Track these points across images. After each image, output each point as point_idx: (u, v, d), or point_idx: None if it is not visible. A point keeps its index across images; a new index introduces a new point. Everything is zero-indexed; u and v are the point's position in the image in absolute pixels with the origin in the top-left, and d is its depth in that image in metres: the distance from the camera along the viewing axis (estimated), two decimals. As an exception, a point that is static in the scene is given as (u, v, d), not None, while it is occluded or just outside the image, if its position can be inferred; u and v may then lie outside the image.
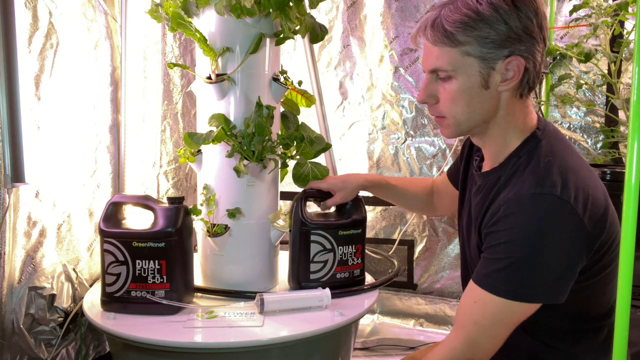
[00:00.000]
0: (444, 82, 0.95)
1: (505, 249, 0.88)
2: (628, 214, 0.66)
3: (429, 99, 0.99)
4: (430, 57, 0.96)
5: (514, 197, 0.89)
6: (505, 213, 0.89)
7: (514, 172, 0.94)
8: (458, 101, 0.95)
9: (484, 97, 0.94)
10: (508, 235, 0.87)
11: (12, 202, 1.22)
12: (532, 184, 0.88)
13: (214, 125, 1.24)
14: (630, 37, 1.62)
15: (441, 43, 0.93)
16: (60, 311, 1.35)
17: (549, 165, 0.91)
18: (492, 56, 0.91)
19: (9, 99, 1.17)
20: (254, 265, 1.32)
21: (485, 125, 0.98)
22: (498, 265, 0.88)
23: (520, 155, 0.96)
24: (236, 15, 1.16)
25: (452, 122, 0.98)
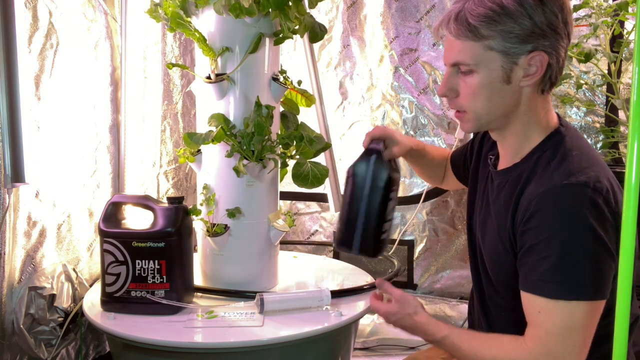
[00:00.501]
0: (465, 76, 0.94)
1: (548, 246, 0.84)
2: (628, 214, 0.65)
3: (450, 92, 0.97)
4: (452, 51, 0.95)
5: (546, 189, 0.86)
6: (538, 207, 0.86)
7: (539, 167, 0.92)
8: (479, 95, 0.94)
9: (505, 92, 0.93)
10: (547, 230, 0.85)
11: (12, 202, 1.22)
12: (562, 175, 0.86)
13: (214, 125, 1.24)
14: (630, 37, 1.62)
15: (464, 37, 0.91)
16: (60, 311, 1.35)
17: (578, 158, 0.89)
18: (515, 51, 0.90)
19: (9, 99, 1.17)
20: (254, 265, 1.32)
21: (505, 120, 0.96)
22: (546, 265, 0.84)
23: (544, 150, 0.94)
24: (235, 14, 1.17)
25: (472, 116, 0.97)
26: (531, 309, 0.88)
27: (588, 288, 0.83)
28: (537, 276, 0.86)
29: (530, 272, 0.88)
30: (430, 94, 2.09)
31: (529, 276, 0.88)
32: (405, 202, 2.13)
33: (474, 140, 1.23)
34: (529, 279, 0.88)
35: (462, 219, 2.10)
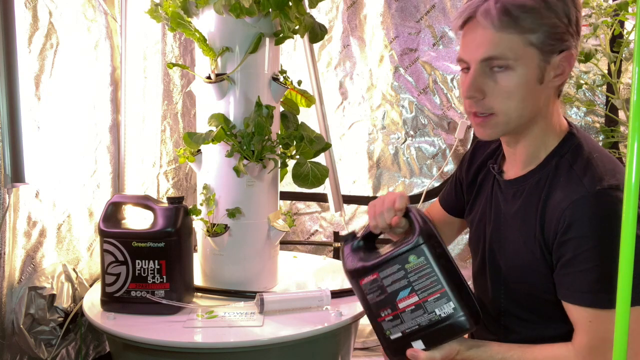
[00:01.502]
0: (499, 73, 0.86)
1: (593, 255, 0.81)
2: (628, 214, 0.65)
3: (478, 93, 0.88)
4: (485, 44, 0.85)
5: (579, 197, 0.83)
6: (575, 217, 0.82)
7: (561, 172, 0.89)
8: (513, 96, 0.86)
9: (537, 93, 0.88)
10: (589, 240, 0.81)
11: (12, 202, 1.22)
12: (592, 180, 0.83)
13: (214, 125, 1.24)
14: (630, 37, 1.62)
15: (505, 28, 0.83)
16: (60, 311, 1.35)
17: (599, 161, 0.87)
18: (551, 49, 0.85)
19: (9, 99, 1.17)
20: (254, 265, 1.32)
21: (528, 124, 0.90)
22: (594, 276, 0.81)
23: (562, 154, 0.90)
24: (235, 14, 1.17)
25: (502, 119, 0.88)
26: (581, 319, 0.85)
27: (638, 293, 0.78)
28: (584, 287, 0.83)
29: (575, 284, 0.84)
30: (430, 94, 2.09)
31: (573, 287, 0.85)
32: (405, 202, 2.12)
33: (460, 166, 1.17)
34: (574, 290, 0.85)
35: (462, 219, 2.10)
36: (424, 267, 0.90)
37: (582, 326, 0.85)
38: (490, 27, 0.84)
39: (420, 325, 0.90)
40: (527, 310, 0.97)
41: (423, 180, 2.13)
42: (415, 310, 0.90)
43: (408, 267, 0.91)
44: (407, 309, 0.91)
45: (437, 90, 2.09)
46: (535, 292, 0.93)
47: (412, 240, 0.91)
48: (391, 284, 0.92)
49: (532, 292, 0.94)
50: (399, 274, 0.91)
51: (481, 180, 1.09)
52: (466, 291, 0.90)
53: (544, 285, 0.91)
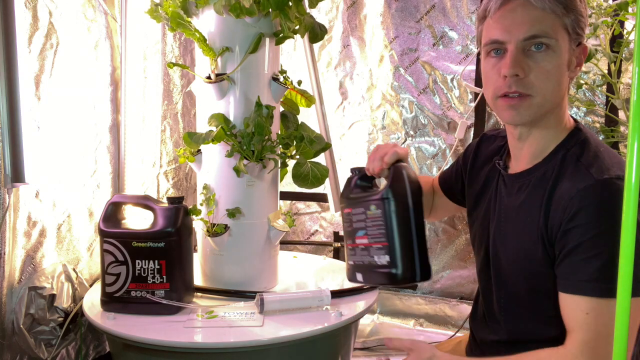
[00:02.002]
0: (538, 53, 0.86)
1: (596, 243, 0.81)
2: (628, 214, 0.65)
3: (520, 71, 0.86)
4: (529, 21, 0.86)
5: (587, 185, 0.82)
6: (582, 204, 0.82)
7: (568, 164, 0.89)
8: (552, 77, 0.87)
9: (565, 80, 0.89)
10: (595, 228, 0.81)
11: (12, 202, 1.22)
12: (599, 170, 0.83)
13: (214, 125, 1.24)
14: (630, 37, 1.62)
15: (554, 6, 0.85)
16: (60, 311, 1.35)
17: (607, 154, 0.87)
18: (576, 37, 0.88)
19: (9, 99, 1.17)
20: (254, 265, 1.32)
21: (550, 112, 0.90)
22: (596, 264, 0.80)
23: (568, 148, 0.90)
24: (235, 14, 1.17)
25: (538, 101, 0.88)
26: (577, 311, 0.84)
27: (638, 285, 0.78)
28: (584, 276, 0.82)
29: (575, 273, 0.84)
30: (430, 94, 2.09)
31: (574, 277, 0.84)
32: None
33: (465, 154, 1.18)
34: (574, 280, 0.83)
35: (462, 219, 2.10)
36: (378, 219, 1.01)
37: (578, 320, 0.84)
38: (537, 5, 0.85)
39: (363, 263, 1.05)
40: (528, 309, 0.96)
41: (423, 180, 2.13)
42: (364, 250, 1.05)
43: (368, 214, 1.03)
44: (359, 246, 1.06)
45: (437, 90, 2.09)
46: (536, 289, 0.93)
47: (380, 193, 1.01)
48: (356, 222, 1.06)
49: (532, 289, 0.94)
50: (362, 216, 1.05)
51: (486, 177, 1.08)
52: (409, 252, 0.99)
53: (544, 282, 0.90)
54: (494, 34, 0.90)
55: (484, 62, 0.95)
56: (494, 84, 0.91)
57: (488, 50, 0.93)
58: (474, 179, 1.13)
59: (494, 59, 0.91)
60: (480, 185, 1.10)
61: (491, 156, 1.09)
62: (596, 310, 0.82)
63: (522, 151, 0.97)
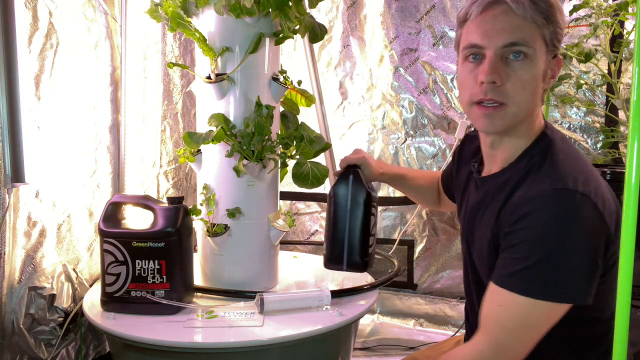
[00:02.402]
0: (516, 61, 0.87)
1: (528, 247, 0.83)
2: (628, 214, 0.65)
3: (498, 78, 0.87)
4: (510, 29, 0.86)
5: (536, 194, 0.85)
6: (527, 210, 0.84)
7: (528, 171, 0.90)
8: (528, 86, 0.87)
9: (540, 90, 0.90)
10: (531, 233, 0.83)
11: (12, 202, 1.22)
12: (553, 180, 0.85)
13: (214, 125, 1.24)
14: (630, 37, 1.62)
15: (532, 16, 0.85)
16: (60, 311, 1.35)
17: (566, 163, 0.88)
18: (552, 49, 0.89)
19: (9, 99, 1.17)
20: (254, 265, 1.32)
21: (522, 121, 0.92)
22: (522, 265, 0.84)
23: (532, 155, 0.92)
24: (235, 14, 1.17)
25: (513, 110, 0.89)
26: (492, 302, 0.88)
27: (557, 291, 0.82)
28: (507, 270, 0.86)
29: (502, 267, 0.88)
30: (430, 94, 2.09)
31: (500, 271, 0.88)
32: (405, 202, 2.13)
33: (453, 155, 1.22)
34: (499, 272, 0.88)
35: (462, 219, 2.10)
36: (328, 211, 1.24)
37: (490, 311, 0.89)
38: (519, 13, 0.86)
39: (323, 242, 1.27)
40: None
41: (423, 180, 2.12)
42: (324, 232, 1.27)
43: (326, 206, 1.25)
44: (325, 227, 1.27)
45: (437, 90, 2.09)
46: None
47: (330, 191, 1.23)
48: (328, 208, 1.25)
49: None
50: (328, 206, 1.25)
51: (466, 178, 1.11)
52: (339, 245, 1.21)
53: None
54: (473, 38, 0.90)
55: (461, 66, 0.95)
56: (470, 90, 0.91)
57: (466, 55, 0.93)
58: (457, 179, 1.16)
59: (472, 64, 0.91)
60: (462, 186, 1.12)
61: (470, 157, 1.11)
62: (507, 305, 0.85)
63: (494, 157, 0.99)
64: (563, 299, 0.83)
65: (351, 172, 1.22)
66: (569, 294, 0.83)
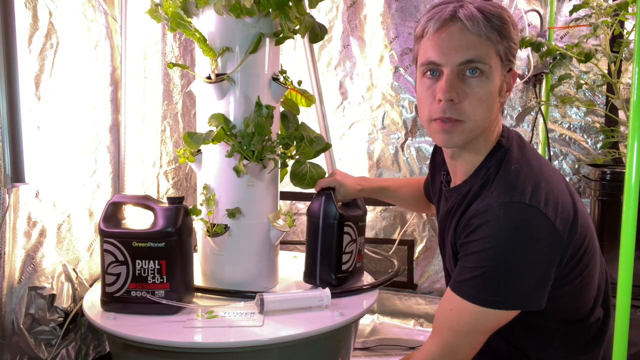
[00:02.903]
0: (472, 78, 0.89)
1: (478, 258, 0.88)
2: (628, 214, 0.66)
3: (456, 96, 0.89)
4: (466, 46, 0.88)
5: (485, 208, 0.88)
6: (478, 223, 0.88)
7: (484, 184, 0.94)
8: (483, 103, 0.90)
9: (496, 105, 0.93)
10: (480, 245, 0.87)
11: (12, 202, 1.22)
12: (500, 193, 0.88)
13: (214, 125, 1.24)
14: (630, 37, 1.62)
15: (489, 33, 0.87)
16: (60, 311, 1.35)
17: (517, 173, 0.90)
18: (508, 64, 0.92)
19: (9, 99, 1.17)
20: (254, 265, 1.32)
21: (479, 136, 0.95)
22: (472, 274, 0.88)
23: (489, 167, 0.95)
24: (235, 14, 1.17)
25: (469, 126, 0.91)
26: (445, 306, 0.93)
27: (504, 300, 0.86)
28: (460, 279, 0.90)
29: (457, 274, 0.92)
30: (430, 94, 2.09)
31: (455, 277, 0.92)
32: (405, 202, 2.13)
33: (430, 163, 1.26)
34: (454, 280, 0.92)
35: (462, 219, 2.10)
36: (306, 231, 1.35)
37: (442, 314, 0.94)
38: (474, 31, 0.87)
39: None
40: None
41: (423, 180, 2.13)
42: None
43: None
44: None
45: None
46: None
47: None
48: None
49: None
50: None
51: (439, 190, 1.15)
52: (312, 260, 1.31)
53: None
54: (430, 56, 0.91)
55: (419, 82, 0.97)
56: (429, 107, 0.94)
57: (424, 71, 0.94)
58: (433, 188, 1.21)
59: (429, 81, 0.93)
60: (437, 195, 1.17)
61: (441, 166, 1.15)
62: (458, 309, 0.90)
63: (455, 168, 1.03)
64: (511, 307, 0.87)
65: (323, 194, 1.31)
66: (516, 302, 0.87)
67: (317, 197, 1.32)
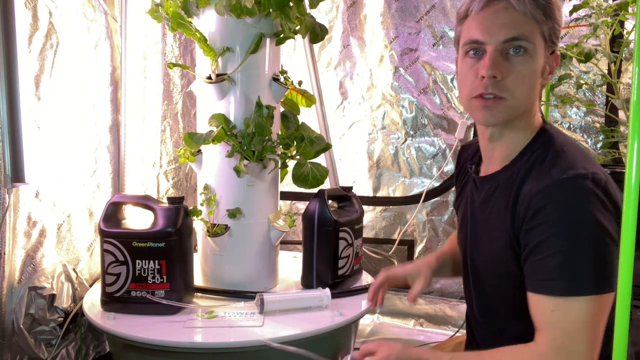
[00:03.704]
0: (516, 57, 0.88)
1: (553, 243, 0.82)
2: (628, 214, 0.65)
3: (499, 72, 0.88)
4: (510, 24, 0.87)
5: (546, 186, 0.84)
6: (542, 204, 0.83)
7: (532, 166, 0.91)
8: (526, 81, 0.89)
9: (538, 85, 0.92)
10: (552, 227, 0.82)
11: (12, 202, 1.22)
12: (560, 169, 0.85)
13: (214, 125, 1.24)
14: (630, 37, 1.62)
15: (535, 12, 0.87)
16: (60, 311, 1.35)
17: (570, 153, 0.89)
18: (551, 45, 0.91)
19: (9, 99, 1.17)
20: (254, 265, 1.32)
21: (521, 115, 0.92)
22: (554, 262, 0.82)
23: (533, 150, 0.92)
24: (236, 15, 1.17)
25: (511, 104, 0.90)
26: (543, 309, 0.85)
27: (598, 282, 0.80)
28: (545, 275, 0.84)
29: (537, 272, 0.85)
30: (430, 94, 2.09)
31: (536, 276, 0.85)
32: (405, 202, 2.13)
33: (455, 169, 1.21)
34: (537, 279, 0.85)
35: (462, 219, 2.10)
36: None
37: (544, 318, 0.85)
38: (519, 9, 0.87)
39: None
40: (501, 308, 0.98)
41: (423, 180, 2.13)
42: None
43: None
44: None
45: (437, 90, 2.09)
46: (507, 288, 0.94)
47: None
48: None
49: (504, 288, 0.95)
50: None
51: (464, 183, 1.11)
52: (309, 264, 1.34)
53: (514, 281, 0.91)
54: (474, 34, 0.91)
55: (461, 62, 0.96)
56: (471, 85, 0.92)
57: (467, 50, 0.93)
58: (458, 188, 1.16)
59: (472, 60, 0.92)
60: (459, 191, 1.13)
61: (465, 163, 1.12)
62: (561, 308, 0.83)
63: (493, 152, 0.99)
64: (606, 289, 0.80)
65: (318, 199, 1.32)
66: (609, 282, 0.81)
67: (311, 202, 1.33)
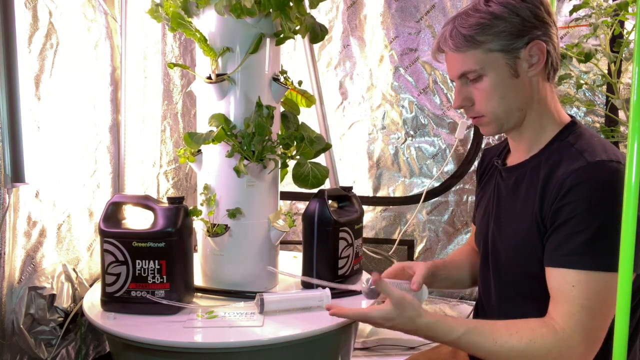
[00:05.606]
0: (475, 82, 0.99)
1: (584, 219, 0.85)
2: (628, 214, 0.65)
3: (465, 102, 1.02)
4: (455, 64, 1.00)
5: (580, 167, 0.88)
6: (575, 182, 0.87)
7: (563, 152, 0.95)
8: (493, 96, 0.98)
9: (516, 86, 0.98)
10: (585, 203, 0.85)
11: (12, 202, 1.22)
12: (594, 153, 0.89)
13: (214, 125, 1.24)
14: (630, 37, 1.62)
15: (464, 47, 0.98)
16: (60, 311, 1.35)
17: (601, 142, 0.94)
18: (514, 46, 0.96)
19: (9, 99, 1.17)
20: (254, 265, 1.32)
21: (522, 113, 1.00)
22: (582, 238, 0.84)
23: (562, 139, 0.97)
24: (236, 15, 1.17)
25: (491, 118, 1.00)
26: (563, 284, 0.86)
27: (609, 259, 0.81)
28: (571, 249, 0.85)
29: (562, 246, 0.87)
30: (430, 94, 2.09)
31: (561, 250, 0.87)
32: (405, 202, 2.13)
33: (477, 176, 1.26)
34: (562, 253, 0.87)
35: (462, 219, 2.10)
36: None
37: (564, 293, 0.86)
38: (453, 51, 0.99)
39: None
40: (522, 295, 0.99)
41: (423, 180, 2.13)
42: None
43: None
44: None
45: (437, 90, 2.09)
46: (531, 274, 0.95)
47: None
48: None
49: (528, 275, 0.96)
50: None
51: (486, 179, 1.16)
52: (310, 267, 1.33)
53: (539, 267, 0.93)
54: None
55: None
56: None
57: None
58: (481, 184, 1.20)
59: None
60: (482, 187, 1.18)
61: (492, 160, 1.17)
62: (582, 284, 0.84)
63: (519, 145, 1.05)
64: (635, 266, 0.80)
65: (318, 200, 1.32)
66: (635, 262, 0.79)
67: (311, 202, 1.33)
